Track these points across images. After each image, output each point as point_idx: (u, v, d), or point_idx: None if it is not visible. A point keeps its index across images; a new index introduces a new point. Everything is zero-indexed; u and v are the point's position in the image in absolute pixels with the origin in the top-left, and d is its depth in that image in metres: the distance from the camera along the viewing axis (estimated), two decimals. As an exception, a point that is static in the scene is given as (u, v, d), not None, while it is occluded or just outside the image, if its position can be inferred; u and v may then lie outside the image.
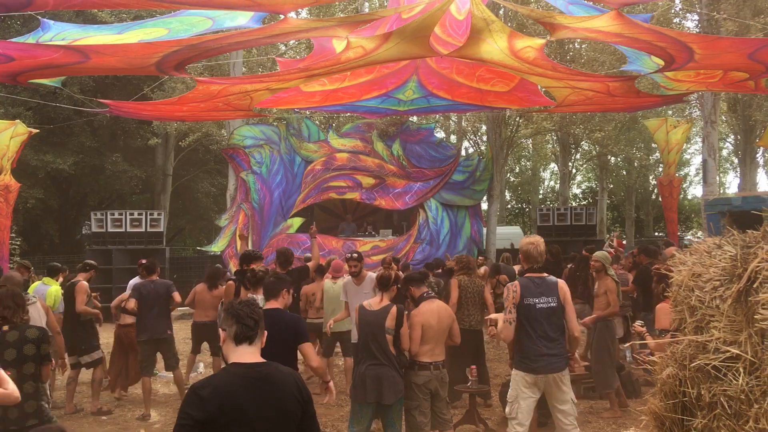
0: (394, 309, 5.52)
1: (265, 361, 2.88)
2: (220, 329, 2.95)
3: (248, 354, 2.83)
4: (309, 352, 4.92)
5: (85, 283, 8.24)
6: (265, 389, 2.77)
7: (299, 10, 15.84)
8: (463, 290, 7.87)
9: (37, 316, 6.48)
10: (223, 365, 6.02)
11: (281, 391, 2.82)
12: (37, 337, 4.68)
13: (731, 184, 38.62)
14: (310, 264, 8.07)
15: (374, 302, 5.63)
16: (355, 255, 7.95)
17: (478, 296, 7.98)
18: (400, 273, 5.92)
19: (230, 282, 7.96)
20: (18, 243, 17.41)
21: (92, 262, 8.92)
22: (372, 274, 7.31)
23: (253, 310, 2.92)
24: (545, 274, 5.26)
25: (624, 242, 19.83)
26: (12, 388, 3.97)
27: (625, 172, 32.56)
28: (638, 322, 5.40)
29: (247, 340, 2.84)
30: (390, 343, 5.44)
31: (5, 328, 4.68)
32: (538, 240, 5.30)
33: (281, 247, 8.79)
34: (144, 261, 8.60)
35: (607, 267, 7.74)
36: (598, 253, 8.06)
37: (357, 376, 5.47)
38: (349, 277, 7.96)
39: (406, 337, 5.61)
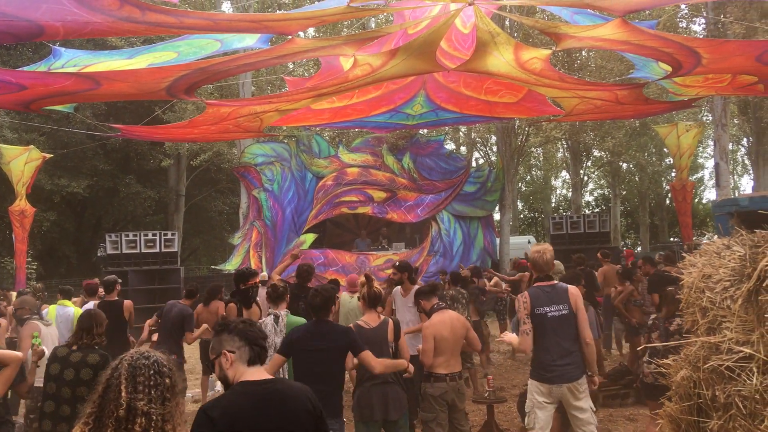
0: (391, 323, 5.52)
1: (272, 377, 2.87)
2: (220, 350, 2.83)
3: (257, 372, 2.81)
4: (369, 359, 4.81)
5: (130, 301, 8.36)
6: (275, 406, 2.74)
7: (305, 30, 16.00)
8: None
9: (50, 341, 6.51)
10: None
11: (291, 407, 2.79)
12: (96, 363, 4.73)
13: (746, 187, 38.34)
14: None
15: (370, 319, 5.47)
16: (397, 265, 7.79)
17: None
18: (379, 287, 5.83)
19: (231, 304, 7.89)
20: (35, 267, 17.59)
21: (114, 276, 8.88)
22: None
23: (261, 330, 2.92)
24: (555, 282, 5.25)
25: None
26: (12, 352, 4.08)
27: (637, 178, 32.43)
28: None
29: (260, 362, 2.83)
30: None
31: (74, 347, 4.80)
32: (545, 248, 5.27)
33: (304, 263, 8.82)
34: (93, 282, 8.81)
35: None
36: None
37: (361, 395, 5.35)
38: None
39: (405, 349, 5.61)
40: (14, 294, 11.36)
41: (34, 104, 7.30)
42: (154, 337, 8.28)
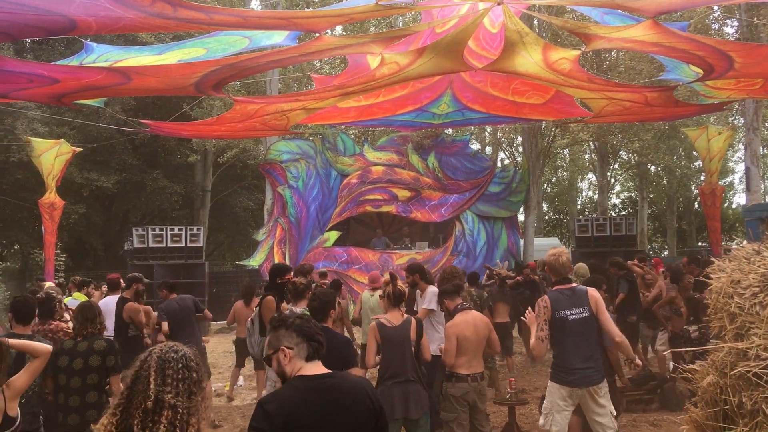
0: (414, 321, 5.52)
1: (330, 371, 2.82)
2: (278, 345, 2.82)
3: (314, 367, 2.79)
4: None
5: (134, 303, 8.30)
6: (331, 401, 2.70)
7: (333, 27, 16.03)
8: None
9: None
10: (266, 378, 6.06)
11: (349, 402, 2.75)
12: (103, 349, 4.90)
13: (777, 192, 37.62)
14: None
15: (393, 317, 5.49)
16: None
17: None
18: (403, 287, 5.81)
19: (269, 297, 7.94)
20: (63, 259, 17.85)
21: (137, 274, 8.95)
22: (433, 288, 7.23)
23: (316, 325, 2.91)
24: (574, 285, 5.21)
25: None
26: (42, 344, 4.15)
27: (665, 181, 31.98)
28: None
29: (317, 357, 2.81)
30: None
31: (79, 338, 4.94)
32: (560, 251, 5.23)
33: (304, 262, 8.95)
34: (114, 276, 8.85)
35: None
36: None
37: (382, 393, 5.32)
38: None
39: (426, 348, 5.60)
40: (47, 285, 11.58)
41: (65, 98, 7.41)
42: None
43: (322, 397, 2.70)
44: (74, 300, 8.78)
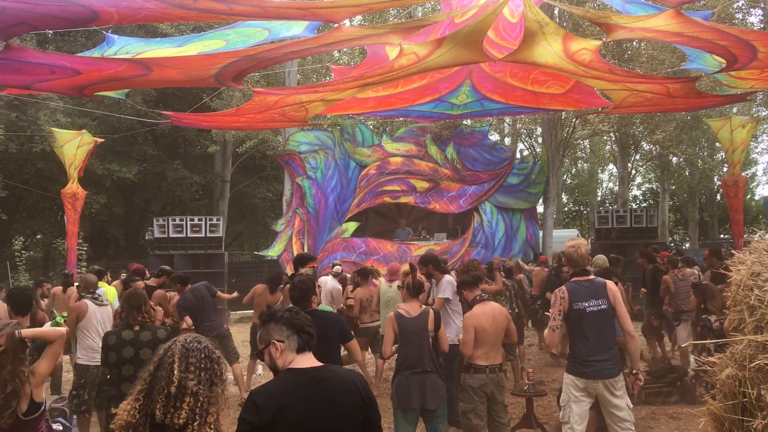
0: (432, 312, 5.54)
1: (321, 365, 2.84)
2: (268, 339, 2.84)
3: (305, 359, 2.81)
4: (354, 348, 5.00)
5: (162, 291, 8.48)
6: (321, 394, 2.72)
7: (352, 17, 15.99)
8: None
9: (100, 319, 6.78)
10: None
11: (339, 396, 2.75)
12: (166, 337, 4.93)
13: (801, 183, 37.06)
14: None
15: (411, 308, 5.52)
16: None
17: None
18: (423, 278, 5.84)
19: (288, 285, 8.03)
20: (85, 249, 18.07)
21: (167, 268, 9.09)
22: (449, 277, 7.28)
23: (306, 316, 2.94)
24: (592, 277, 5.18)
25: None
26: (54, 329, 4.21)
27: (687, 173, 31.61)
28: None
29: (308, 349, 2.84)
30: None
31: (136, 328, 4.99)
32: (579, 243, 5.21)
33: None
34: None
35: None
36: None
37: (400, 383, 5.41)
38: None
39: (444, 339, 5.62)
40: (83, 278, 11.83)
41: (87, 89, 7.48)
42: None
43: (312, 390, 2.71)
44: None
